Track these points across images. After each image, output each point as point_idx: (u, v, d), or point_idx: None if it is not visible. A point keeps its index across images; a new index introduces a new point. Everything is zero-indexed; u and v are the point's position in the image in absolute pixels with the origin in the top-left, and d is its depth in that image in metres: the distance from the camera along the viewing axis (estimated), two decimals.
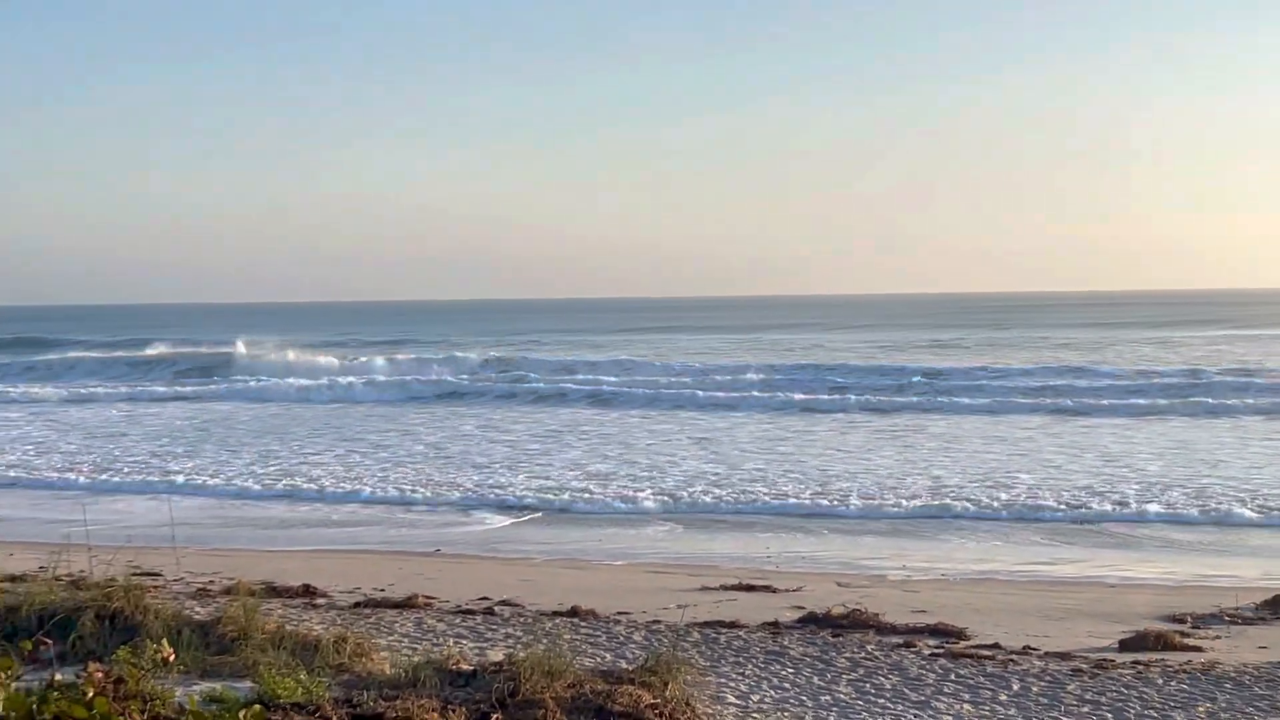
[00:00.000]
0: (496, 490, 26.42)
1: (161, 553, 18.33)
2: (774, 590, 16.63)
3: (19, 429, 41.41)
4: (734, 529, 22.47)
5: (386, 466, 30.41)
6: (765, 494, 25.56)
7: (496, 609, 15.13)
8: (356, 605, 15.18)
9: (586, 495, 25.67)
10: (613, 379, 54.68)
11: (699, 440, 35.72)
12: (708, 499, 25.10)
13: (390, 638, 13.09)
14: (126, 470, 30.27)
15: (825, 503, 24.52)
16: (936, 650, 13.41)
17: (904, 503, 24.41)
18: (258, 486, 27.55)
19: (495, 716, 8.11)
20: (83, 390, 55.85)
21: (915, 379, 52.05)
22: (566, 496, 25.53)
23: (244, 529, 22.99)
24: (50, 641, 7.62)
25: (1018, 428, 38.19)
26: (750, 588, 16.76)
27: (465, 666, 9.77)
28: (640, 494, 25.68)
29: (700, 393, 48.32)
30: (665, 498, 25.29)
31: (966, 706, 11.29)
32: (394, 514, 24.40)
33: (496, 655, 11.35)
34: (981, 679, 12.26)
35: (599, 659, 12.40)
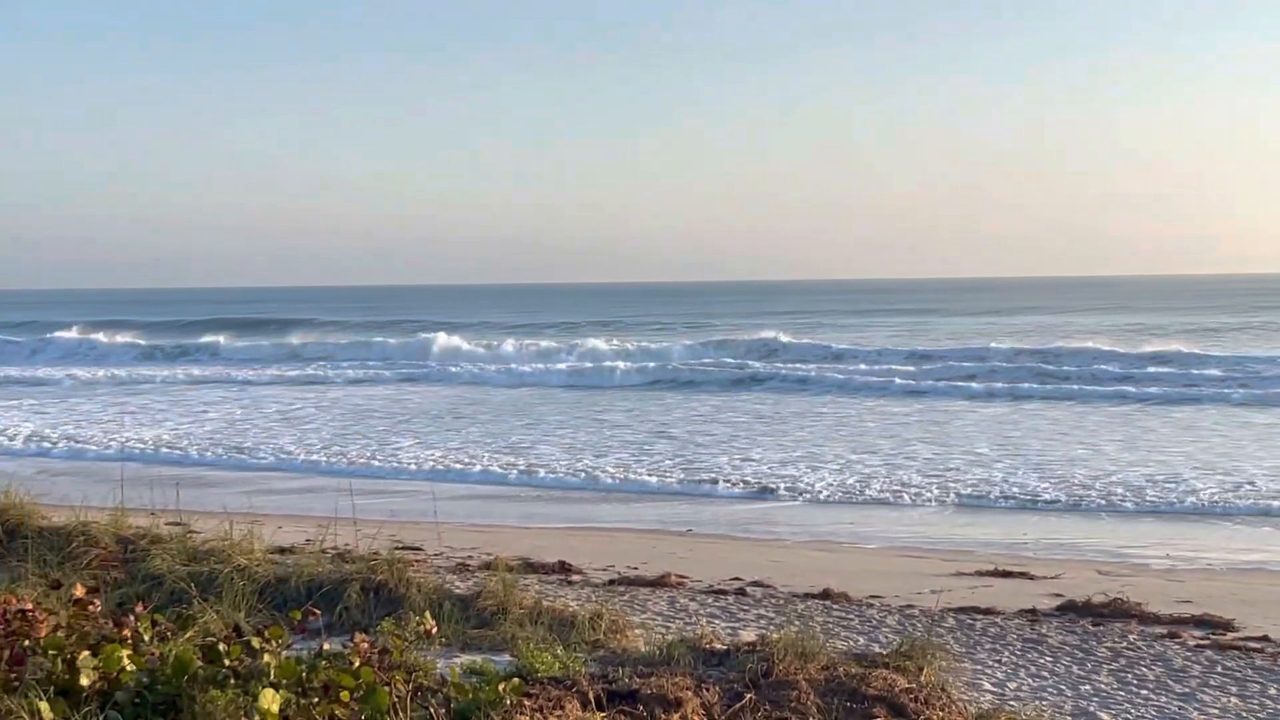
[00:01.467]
0: (745, 472, 26.41)
1: (422, 528, 18.82)
2: (1031, 577, 16.24)
3: (272, 408, 43.07)
4: (990, 515, 22.03)
5: (633, 448, 30.70)
6: (1025, 480, 25.01)
7: (748, 590, 15.12)
8: (610, 583, 15.34)
9: (833, 478, 25.48)
10: (880, 366, 53.90)
11: (958, 427, 35.16)
12: (964, 485, 24.66)
13: (644, 615, 13.19)
14: (385, 449, 31.18)
15: (1085, 490, 23.87)
16: (1202, 641, 12.92)
17: (1168, 492, 23.60)
18: (510, 467, 28.05)
19: (749, 696, 8.09)
20: (321, 373, 57.42)
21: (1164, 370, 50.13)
22: (813, 479, 25.37)
23: (500, 504, 23.46)
24: (318, 612, 7.87)
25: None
26: (1007, 574, 16.40)
27: (718, 646, 9.77)
28: (891, 478, 25.39)
29: (958, 383, 47.34)
30: (917, 482, 24.94)
31: (1234, 700, 10.85)
32: (646, 493, 24.58)
33: (749, 636, 11.33)
34: (1250, 672, 11.77)
35: (852, 642, 12.29)
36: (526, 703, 7.01)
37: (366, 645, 6.73)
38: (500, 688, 6.93)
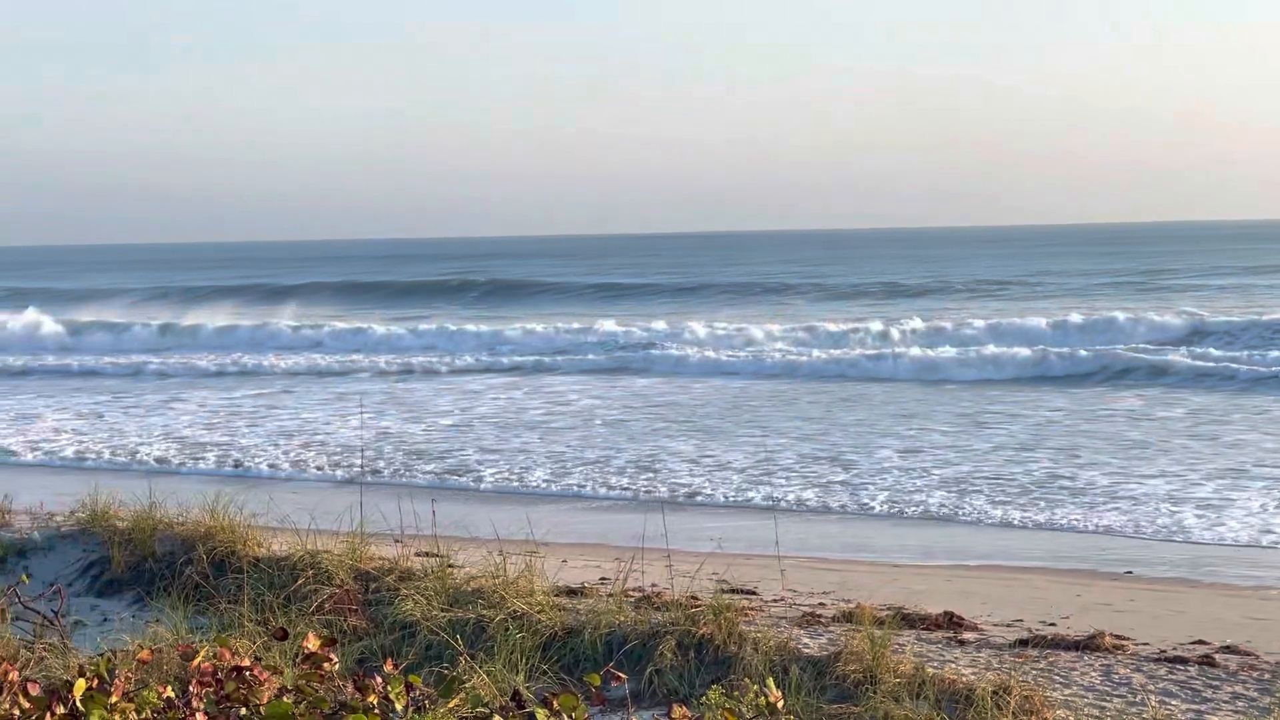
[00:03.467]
0: (1217, 498, 25.75)
1: (754, 563, 18.88)
2: None
3: (535, 402, 43.95)
4: None
5: (1018, 456, 30.34)
6: None
7: (1218, 657, 14.66)
8: (1019, 643, 15.08)
9: None
10: None
11: None
12: None
13: (1068, 691, 12.91)
14: (669, 456, 31.47)
15: None
16: None
17: None
18: (859, 486, 28.00)
19: None
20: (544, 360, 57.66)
21: None
22: None
23: (853, 529, 23.44)
24: (623, 676, 7.88)
25: None
26: None
27: None
28: None
29: None
30: None
31: None
32: (1064, 519, 24.18)
33: None
34: None
35: None
36: None
37: None
38: None
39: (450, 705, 7.07)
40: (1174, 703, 12.75)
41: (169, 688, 6.22)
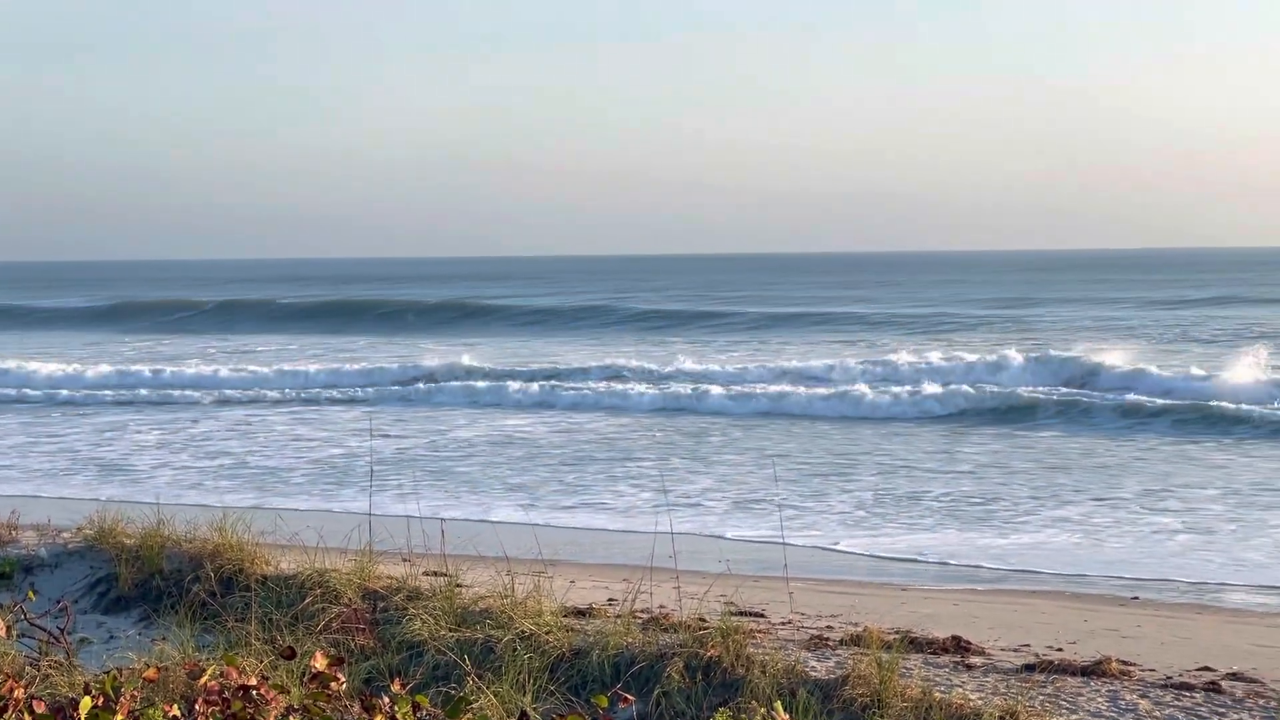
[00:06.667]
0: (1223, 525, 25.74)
1: (763, 586, 18.81)
2: None
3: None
4: None
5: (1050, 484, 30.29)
6: None
7: (1224, 684, 14.58)
8: (1025, 668, 15.03)
9: None
10: None
11: None
12: None
13: (1074, 716, 12.87)
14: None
15: None
16: None
17: None
18: (888, 508, 28.00)
19: None
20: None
21: None
22: None
23: (867, 557, 23.40)
24: (630, 698, 7.86)
25: None
26: None
27: None
28: None
29: None
30: None
31: None
32: (1072, 544, 24.16)
33: None
34: None
35: None
36: None
37: None
38: None
39: None
40: None
41: (175, 706, 6.21)
